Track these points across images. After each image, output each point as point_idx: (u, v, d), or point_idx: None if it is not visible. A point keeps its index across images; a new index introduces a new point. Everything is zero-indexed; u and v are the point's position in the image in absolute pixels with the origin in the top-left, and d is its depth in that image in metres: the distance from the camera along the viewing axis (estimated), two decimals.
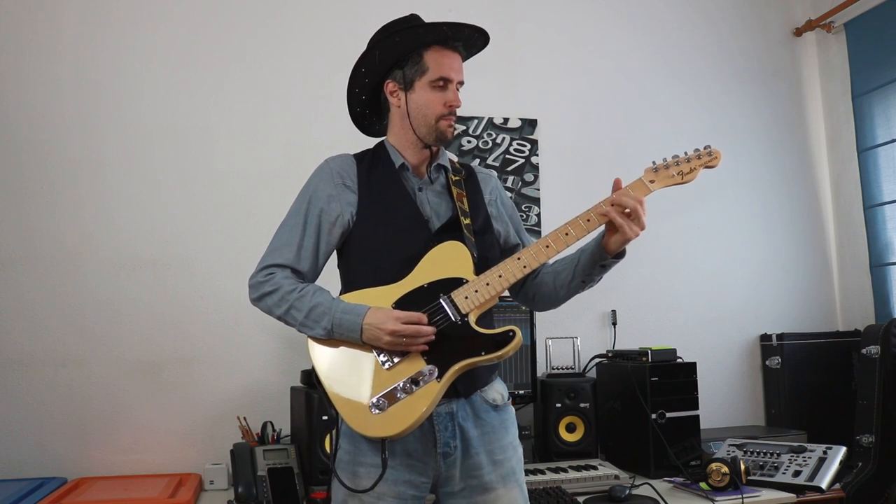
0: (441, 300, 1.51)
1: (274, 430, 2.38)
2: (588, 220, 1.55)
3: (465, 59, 1.66)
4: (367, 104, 1.70)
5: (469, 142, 2.89)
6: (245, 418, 2.42)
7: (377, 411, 1.45)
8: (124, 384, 2.46)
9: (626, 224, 1.50)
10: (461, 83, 1.62)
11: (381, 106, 1.70)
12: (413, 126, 1.61)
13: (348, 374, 1.49)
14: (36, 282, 2.44)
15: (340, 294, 1.58)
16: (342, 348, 1.51)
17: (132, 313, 2.49)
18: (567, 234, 1.55)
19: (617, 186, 1.56)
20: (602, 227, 1.58)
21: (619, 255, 1.57)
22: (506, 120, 2.94)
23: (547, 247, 1.55)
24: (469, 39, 1.63)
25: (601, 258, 1.57)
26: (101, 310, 2.47)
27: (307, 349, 1.54)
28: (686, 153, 1.61)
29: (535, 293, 1.72)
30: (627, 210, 1.51)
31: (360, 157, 1.68)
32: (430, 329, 1.47)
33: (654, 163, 1.61)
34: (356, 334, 1.48)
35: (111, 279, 2.49)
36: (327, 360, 1.52)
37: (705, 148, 1.61)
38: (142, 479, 2.32)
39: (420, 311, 1.49)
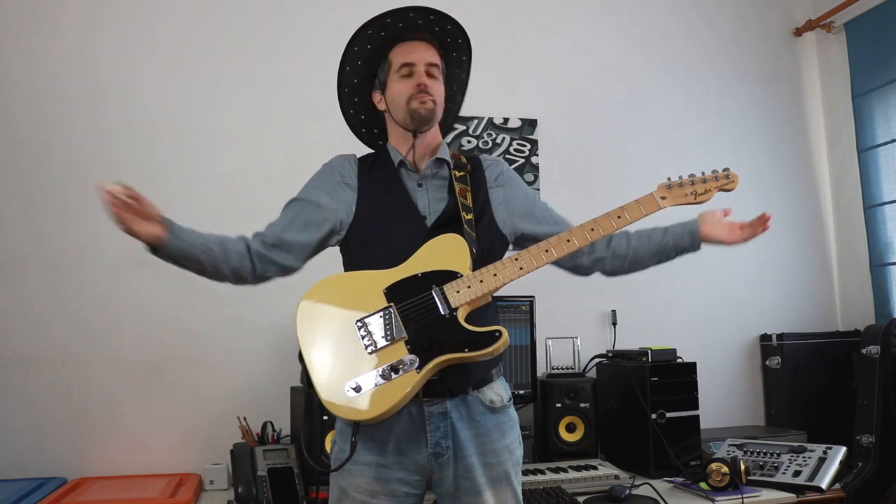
0: (433, 291, 1.50)
1: (274, 430, 2.38)
2: (592, 230, 1.56)
3: (444, 50, 1.68)
4: (369, 122, 1.75)
5: (469, 142, 2.89)
6: (245, 418, 2.42)
7: (352, 393, 1.44)
8: (124, 384, 2.46)
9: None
10: (431, 65, 1.64)
11: (380, 119, 1.74)
12: (395, 118, 1.65)
13: (330, 354, 1.49)
14: (36, 281, 2.44)
15: None
16: (327, 327, 1.51)
17: (132, 313, 2.49)
18: (569, 241, 1.56)
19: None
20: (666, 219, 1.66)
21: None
22: (506, 120, 2.94)
23: (546, 251, 1.55)
24: (431, 28, 1.66)
25: (693, 247, 1.69)
26: (101, 310, 2.47)
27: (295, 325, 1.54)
28: (703, 173, 1.60)
29: (599, 263, 1.73)
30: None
31: (364, 158, 1.72)
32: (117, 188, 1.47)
33: (668, 179, 1.60)
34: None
35: (112, 279, 2.49)
36: (311, 338, 1.51)
37: (724, 170, 1.60)
38: (142, 479, 2.32)
39: (411, 300, 1.50)
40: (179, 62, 2.63)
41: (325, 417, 2.12)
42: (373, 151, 1.75)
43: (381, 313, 1.49)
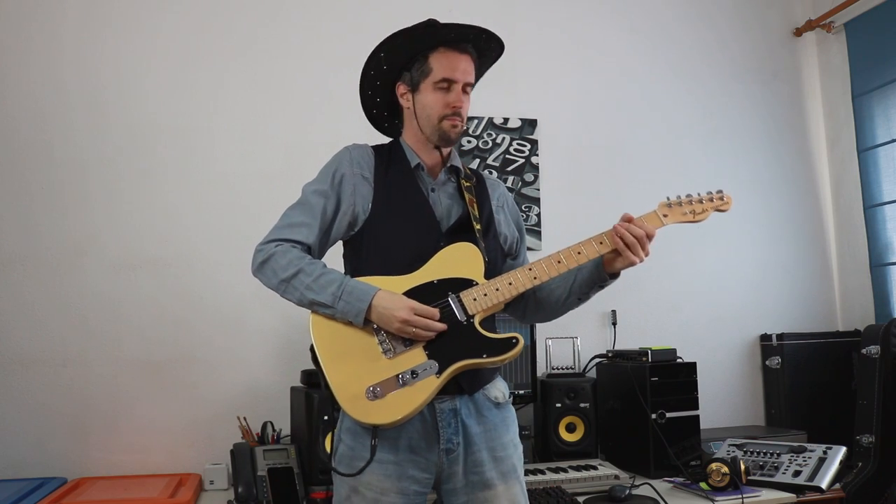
0: (449, 298, 1.53)
1: (274, 430, 2.38)
2: (601, 243, 1.58)
3: (478, 63, 1.67)
4: (382, 105, 1.73)
5: (469, 142, 2.89)
6: (245, 418, 2.42)
7: (373, 398, 1.46)
8: (124, 384, 2.46)
9: (630, 247, 1.55)
10: (470, 85, 1.64)
11: (397, 105, 1.72)
12: (420, 127, 1.64)
13: (348, 358, 1.50)
14: (36, 281, 2.44)
15: None
16: (344, 331, 1.52)
17: (132, 313, 2.49)
18: (580, 254, 1.58)
19: (628, 219, 1.59)
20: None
21: (615, 274, 1.62)
22: (506, 120, 2.94)
23: (559, 262, 1.58)
24: (478, 41, 1.64)
25: (600, 279, 1.61)
26: (101, 309, 2.47)
27: (309, 328, 1.53)
28: (699, 194, 1.66)
29: (528, 308, 1.75)
30: (636, 236, 1.55)
31: (378, 151, 1.70)
32: (442, 326, 1.49)
33: (668, 198, 1.65)
34: (364, 304, 1.47)
35: (111, 279, 2.49)
36: (328, 341, 1.52)
37: (717, 192, 1.66)
38: (142, 479, 2.32)
39: (428, 306, 1.51)
40: (179, 62, 2.63)
41: (325, 417, 2.12)
42: (386, 143, 1.74)
43: None
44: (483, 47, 1.66)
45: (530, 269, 1.57)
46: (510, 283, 1.56)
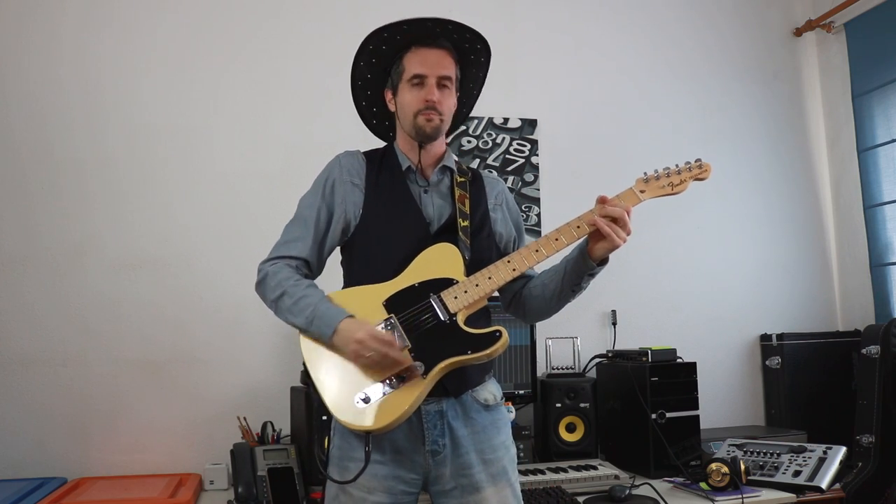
0: (431, 299, 1.53)
1: (274, 430, 2.38)
2: (578, 227, 1.58)
3: (457, 57, 1.66)
4: (381, 115, 1.75)
5: (469, 142, 2.89)
6: (245, 418, 2.42)
7: (362, 405, 1.47)
8: (124, 384, 2.46)
9: (614, 232, 1.53)
10: (447, 78, 1.62)
11: (390, 114, 1.74)
12: (403, 126, 1.66)
13: (336, 367, 1.51)
14: (36, 281, 2.44)
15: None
16: None
17: (132, 313, 2.49)
18: (557, 240, 1.57)
19: (602, 200, 1.58)
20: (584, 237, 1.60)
21: (604, 261, 1.60)
22: (506, 120, 2.94)
23: (537, 251, 1.57)
24: (448, 35, 1.63)
25: (587, 267, 1.59)
26: (101, 309, 2.47)
27: (299, 339, 1.55)
28: (677, 165, 1.64)
29: (526, 306, 1.74)
30: (614, 217, 1.54)
31: (370, 156, 1.71)
32: (397, 353, 1.45)
33: (644, 173, 1.63)
34: (329, 330, 1.49)
35: (111, 279, 2.49)
36: (317, 353, 1.53)
37: (696, 161, 1.64)
38: (142, 479, 2.32)
39: (410, 309, 1.52)
40: (179, 62, 2.63)
41: (325, 417, 2.12)
42: (379, 148, 1.75)
43: (383, 324, 1.51)
44: (458, 42, 1.65)
45: (509, 262, 1.57)
46: (489, 278, 1.55)
